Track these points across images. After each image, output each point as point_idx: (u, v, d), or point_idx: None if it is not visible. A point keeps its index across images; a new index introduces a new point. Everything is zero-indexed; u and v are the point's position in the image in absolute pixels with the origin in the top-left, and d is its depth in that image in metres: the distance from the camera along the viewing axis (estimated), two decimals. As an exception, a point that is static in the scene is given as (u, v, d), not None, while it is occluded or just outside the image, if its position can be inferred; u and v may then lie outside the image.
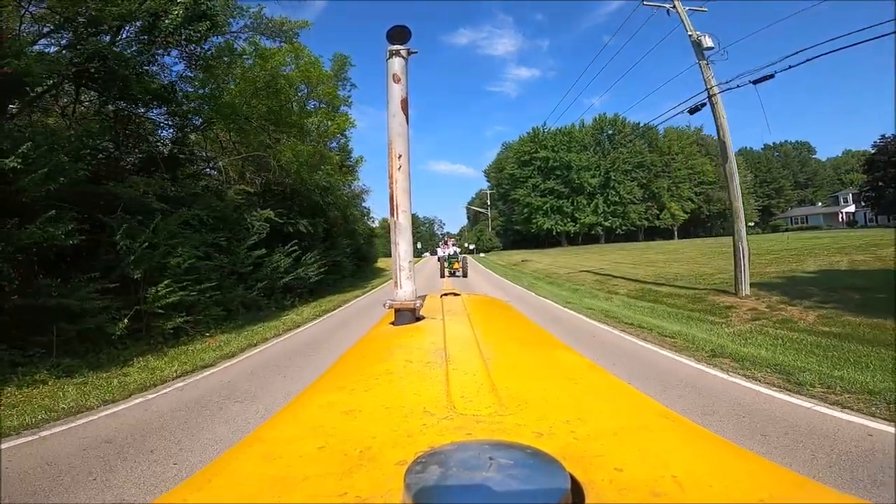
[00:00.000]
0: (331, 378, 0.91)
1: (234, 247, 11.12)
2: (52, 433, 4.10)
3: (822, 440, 3.31)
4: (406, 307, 1.18)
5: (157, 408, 4.79)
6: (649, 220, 56.84)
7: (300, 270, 14.64)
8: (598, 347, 6.49)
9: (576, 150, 54.70)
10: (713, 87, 10.90)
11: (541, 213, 54.74)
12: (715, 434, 0.60)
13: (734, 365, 5.27)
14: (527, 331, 1.33)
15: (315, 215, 15.69)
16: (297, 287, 14.85)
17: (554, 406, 0.62)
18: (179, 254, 8.70)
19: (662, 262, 21.62)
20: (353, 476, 0.45)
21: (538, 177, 54.99)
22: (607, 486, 0.41)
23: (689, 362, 5.57)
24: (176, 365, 6.70)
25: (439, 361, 0.80)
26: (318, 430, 0.58)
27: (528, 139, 56.83)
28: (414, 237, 1.32)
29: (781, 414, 3.85)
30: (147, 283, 8.50)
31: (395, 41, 1.18)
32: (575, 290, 14.49)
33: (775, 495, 0.43)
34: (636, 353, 6.17)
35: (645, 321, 8.22)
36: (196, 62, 10.65)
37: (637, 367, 5.49)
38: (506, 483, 0.36)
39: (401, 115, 1.18)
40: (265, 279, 12.41)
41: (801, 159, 79.81)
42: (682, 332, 7.08)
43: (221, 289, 10.49)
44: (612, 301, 11.67)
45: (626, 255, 29.06)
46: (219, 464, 0.56)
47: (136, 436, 3.95)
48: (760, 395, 4.34)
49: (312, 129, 19.21)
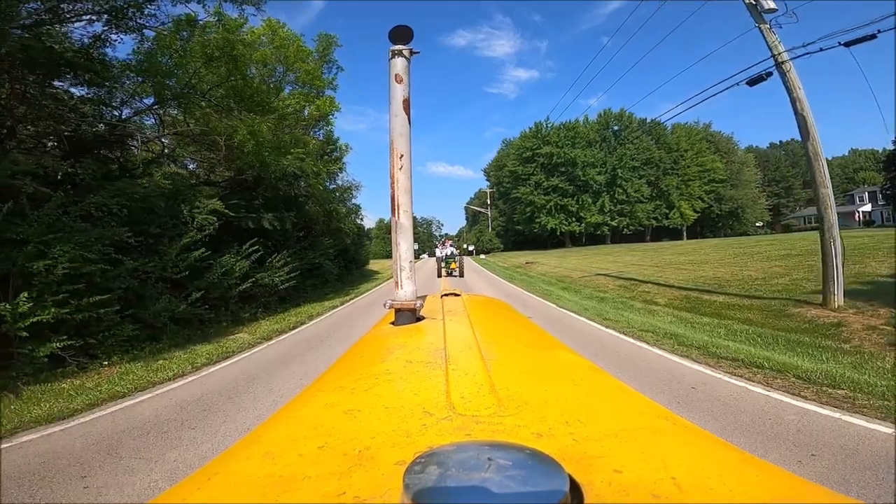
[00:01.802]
0: (331, 377, 0.90)
1: (163, 246, 8.45)
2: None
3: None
4: (406, 307, 1.17)
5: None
6: (658, 219, 54.10)
7: (264, 275, 11.97)
8: (725, 415, 3.73)
9: (581, 146, 51.95)
10: (781, 53, 8.40)
11: (544, 212, 51.87)
12: (715, 436, 0.59)
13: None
14: (527, 331, 1.32)
15: (285, 209, 13.00)
16: (262, 295, 12.18)
17: (553, 407, 0.61)
18: (55, 255, 6.03)
19: (688, 263, 18.99)
20: (353, 476, 0.45)
21: (541, 174, 52.10)
22: (606, 487, 0.41)
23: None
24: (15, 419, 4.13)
25: (439, 362, 0.80)
26: (318, 430, 0.58)
27: (530, 134, 54.05)
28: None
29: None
30: (14, 293, 5.91)
31: (397, 41, 1.17)
32: (601, 298, 11.84)
33: (775, 498, 0.43)
34: (810, 430, 3.49)
35: (738, 350, 5.57)
36: (118, 18, 8.05)
37: (842, 462, 2.84)
38: (505, 484, 0.36)
39: (403, 115, 1.17)
40: (212, 287, 9.74)
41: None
42: (816, 371, 4.44)
43: (141, 300, 7.85)
44: (658, 315, 9.00)
45: (640, 257, 26.44)
46: (218, 463, 0.55)
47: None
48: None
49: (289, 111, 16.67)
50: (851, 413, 3.58)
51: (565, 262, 27.78)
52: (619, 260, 25.93)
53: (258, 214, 11.78)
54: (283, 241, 14.10)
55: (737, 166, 57.78)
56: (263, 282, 11.94)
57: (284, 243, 14.08)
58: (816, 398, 3.91)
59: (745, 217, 58.92)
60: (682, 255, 24.10)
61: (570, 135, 51.87)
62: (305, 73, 18.20)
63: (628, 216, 52.99)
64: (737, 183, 56.99)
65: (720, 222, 59.13)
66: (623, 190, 51.99)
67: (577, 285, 15.44)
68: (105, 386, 5.55)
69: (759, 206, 60.95)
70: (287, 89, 17.90)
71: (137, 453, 3.52)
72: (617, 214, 52.84)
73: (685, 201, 53.96)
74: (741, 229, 57.99)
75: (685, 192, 54.33)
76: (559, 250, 46.99)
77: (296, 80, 18.27)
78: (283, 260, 12.87)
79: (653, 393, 4.32)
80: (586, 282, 16.21)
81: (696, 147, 55.40)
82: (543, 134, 52.52)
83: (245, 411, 4.42)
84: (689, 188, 54.28)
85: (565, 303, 10.91)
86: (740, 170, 58.03)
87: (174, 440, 3.76)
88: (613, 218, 52.77)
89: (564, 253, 40.99)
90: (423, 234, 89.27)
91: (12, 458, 3.58)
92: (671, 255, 24.87)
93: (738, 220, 58.77)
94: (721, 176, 55.27)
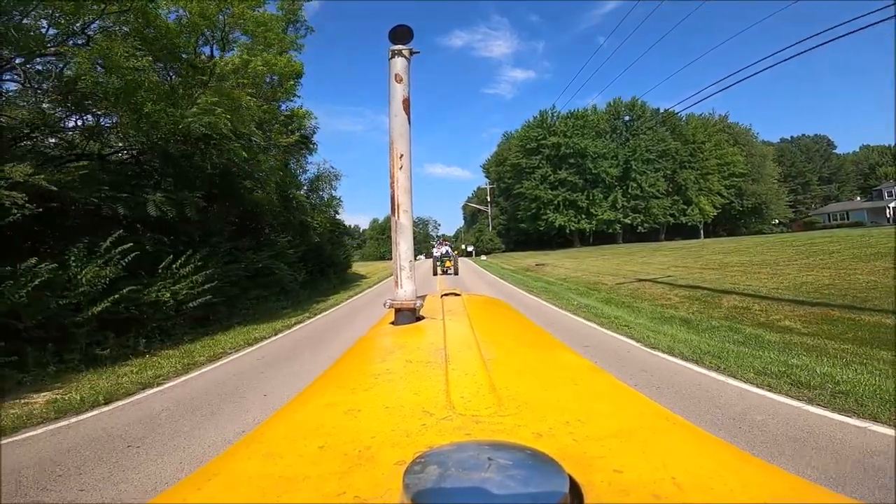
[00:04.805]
0: (331, 377, 0.89)
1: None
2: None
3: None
4: (406, 307, 1.16)
5: None
6: (675, 216, 49.55)
7: (152, 288, 7.67)
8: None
9: (590, 137, 47.45)
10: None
11: (551, 208, 47.12)
12: (715, 436, 0.58)
13: None
14: (527, 331, 1.31)
15: (193, 188, 8.60)
16: (155, 318, 7.88)
17: (553, 407, 0.61)
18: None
19: (750, 265, 14.66)
20: (353, 476, 0.45)
21: (547, 166, 47.32)
22: (606, 487, 0.41)
23: None
24: None
25: (439, 361, 0.79)
26: (318, 430, 0.58)
27: (535, 124, 49.40)
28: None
29: None
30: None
31: (397, 41, 1.15)
32: (686, 322, 7.58)
33: (776, 498, 0.42)
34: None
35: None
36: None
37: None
38: (504, 484, 0.35)
39: (402, 115, 1.16)
40: (24, 309, 5.48)
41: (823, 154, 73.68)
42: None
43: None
44: (833, 358, 4.70)
45: (674, 257, 22.14)
46: (218, 463, 0.55)
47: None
48: None
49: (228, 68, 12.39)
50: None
51: (583, 265, 23.49)
52: (649, 261, 21.63)
53: (138, 195, 7.45)
54: (205, 238, 9.78)
55: (758, 159, 53.45)
56: (150, 297, 7.63)
57: (206, 240, 9.77)
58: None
59: (768, 214, 54.61)
60: (729, 255, 19.80)
61: (578, 124, 47.32)
62: (254, 22, 13.89)
63: (643, 213, 48.30)
64: (758, 177, 52.64)
65: (742, 219, 54.74)
66: (637, 184, 47.35)
67: (622, 297, 11.13)
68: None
69: (781, 203, 56.68)
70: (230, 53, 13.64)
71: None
72: (630, 211, 48.20)
73: (704, 196, 49.42)
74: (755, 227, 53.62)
75: (703, 186, 49.78)
76: (568, 250, 42.59)
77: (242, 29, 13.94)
78: (194, 264, 8.54)
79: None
80: (630, 291, 11.90)
81: (715, 139, 50.97)
82: (549, 124, 47.99)
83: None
84: (708, 182, 49.76)
85: (641, 332, 6.58)
86: (761, 163, 53.75)
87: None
88: (626, 215, 48.08)
89: (575, 253, 36.65)
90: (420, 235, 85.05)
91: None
92: (714, 255, 20.57)
93: (761, 216, 54.42)
94: (742, 170, 50.83)
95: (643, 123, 48.13)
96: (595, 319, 7.88)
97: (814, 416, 3.48)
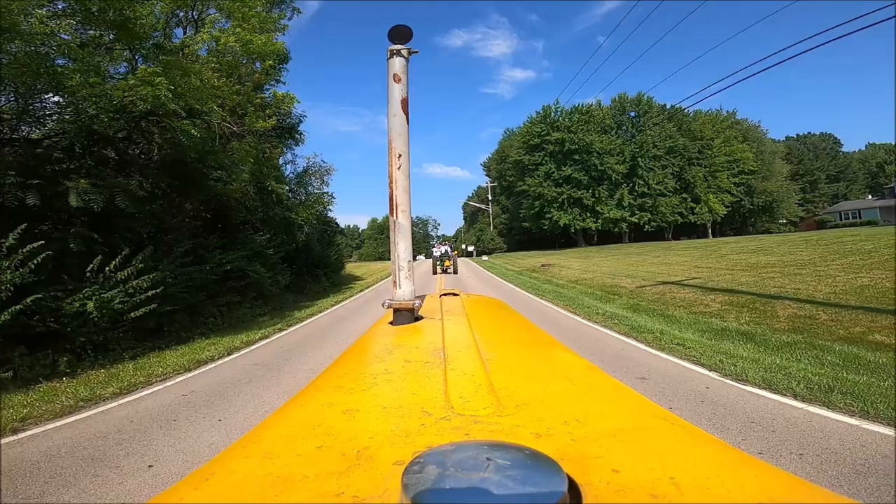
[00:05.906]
0: (329, 377, 0.86)
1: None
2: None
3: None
4: (405, 307, 1.15)
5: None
6: (683, 214, 47.78)
7: (77, 297, 6.15)
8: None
9: (595, 132, 45.71)
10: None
11: (556, 207, 45.34)
12: (714, 436, 0.56)
13: None
14: (526, 331, 1.28)
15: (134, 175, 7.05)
16: (87, 332, 6.35)
17: (552, 407, 0.60)
18: None
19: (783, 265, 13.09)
20: (351, 476, 0.44)
21: (551, 163, 45.62)
22: (605, 487, 0.40)
23: None
24: None
25: (438, 361, 0.78)
26: (316, 430, 0.57)
27: (538, 119, 47.64)
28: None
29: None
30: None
31: (396, 41, 1.14)
32: (747, 336, 6.01)
33: (773, 498, 0.42)
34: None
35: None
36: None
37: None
38: (503, 484, 0.35)
39: (401, 114, 1.14)
40: None
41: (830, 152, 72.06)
42: None
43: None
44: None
45: (693, 257, 20.58)
46: (216, 463, 0.54)
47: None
48: None
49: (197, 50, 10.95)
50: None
51: (593, 266, 21.92)
52: (665, 261, 20.07)
53: (54, 184, 5.90)
54: (156, 235, 8.25)
55: (768, 156, 51.74)
56: (73, 308, 6.09)
57: (159, 238, 8.23)
58: None
59: (779, 212, 52.90)
60: (753, 255, 18.25)
61: (583, 118, 45.60)
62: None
63: (650, 211, 46.58)
64: (768, 175, 50.91)
65: (752, 218, 53.03)
66: (644, 181, 45.61)
67: (650, 303, 9.58)
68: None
69: (792, 201, 54.97)
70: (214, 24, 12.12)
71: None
72: (637, 209, 46.45)
73: (713, 194, 47.68)
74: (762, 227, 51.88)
75: (713, 184, 48.06)
76: (573, 250, 40.98)
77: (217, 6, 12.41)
78: (136, 266, 7.00)
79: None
80: (656, 297, 10.35)
81: (724, 135, 49.22)
82: (553, 119, 46.31)
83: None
84: (717, 180, 48.02)
85: (705, 354, 5.02)
86: (771, 160, 52.05)
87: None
88: (633, 213, 46.35)
89: (582, 253, 35.05)
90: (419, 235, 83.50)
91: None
92: (736, 255, 19.02)
93: (772, 215, 52.70)
94: (751, 166, 49.07)
95: (650, 119, 46.46)
96: (634, 334, 6.31)
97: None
